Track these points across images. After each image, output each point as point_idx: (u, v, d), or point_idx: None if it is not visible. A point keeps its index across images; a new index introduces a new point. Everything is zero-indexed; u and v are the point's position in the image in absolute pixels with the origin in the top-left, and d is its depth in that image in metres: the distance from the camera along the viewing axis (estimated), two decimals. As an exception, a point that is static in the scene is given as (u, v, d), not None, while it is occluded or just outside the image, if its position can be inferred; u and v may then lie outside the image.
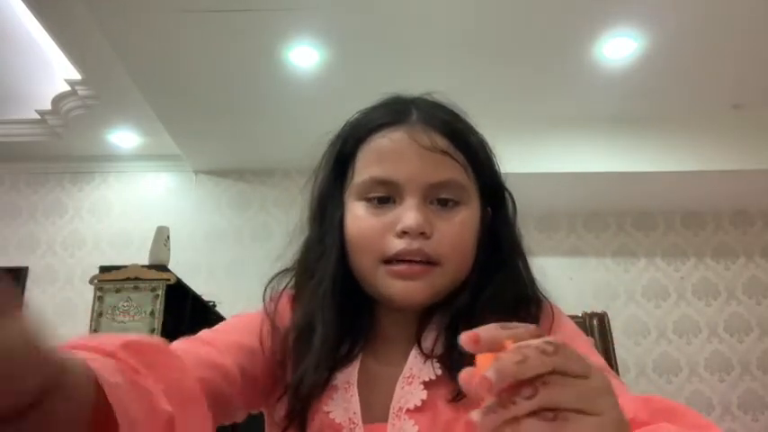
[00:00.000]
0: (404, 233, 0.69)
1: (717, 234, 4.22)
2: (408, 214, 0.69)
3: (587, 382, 0.38)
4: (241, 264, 4.06)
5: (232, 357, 0.68)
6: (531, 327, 0.39)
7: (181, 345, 0.66)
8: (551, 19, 2.93)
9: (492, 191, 0.78)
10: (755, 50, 3.11)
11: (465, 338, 0.38)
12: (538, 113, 3.62)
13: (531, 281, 0.77)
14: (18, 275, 4.20)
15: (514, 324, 0.39)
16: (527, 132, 3.67)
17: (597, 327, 1.10)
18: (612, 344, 1.10)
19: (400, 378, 0.70)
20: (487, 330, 0.38)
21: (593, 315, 1.12)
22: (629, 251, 4.22)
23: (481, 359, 0.38)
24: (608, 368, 0.68)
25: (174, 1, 2.81)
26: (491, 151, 0.80)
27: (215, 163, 4.25)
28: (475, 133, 0.79)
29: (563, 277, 4.06)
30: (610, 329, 1.11)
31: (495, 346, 0.38)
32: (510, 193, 0.80)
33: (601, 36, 3.03)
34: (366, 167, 0.73)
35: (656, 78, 3.32)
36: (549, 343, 0.37)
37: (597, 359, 0.69)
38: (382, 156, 0.72)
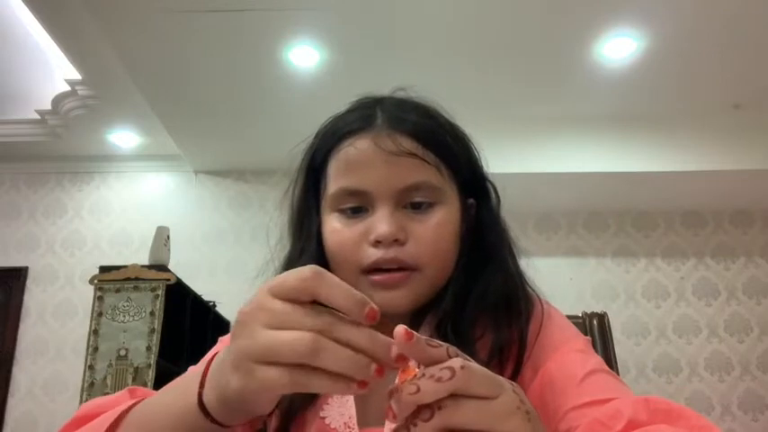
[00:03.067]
0: (378, 242, 0.69)
1: (717, 234, 4.22)
2: (380, 223, 0.69)
3: (491, 403, 0.41)
4: (241, 264, 4.06)
5: None
6: (451, 348, 0.42)
7: None
8: (551, 19, 2.93)
9: (473, 184, 0.77)
10: (755, 50, 3.11)
11: (402, 330, 0.41)
12: (538, 113, 3.62)
13: (520, 274, 0.76)
14: (18, 275, 4.20)
15: (438, 342, 0.42)
16: (527, 132, 3.67)
17: (597, 327, 1.10)
18: (612, 344, 1.09)
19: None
20: (418, 340, 0.41)
21: (592, 315, 1.11)
22: (628, 251, 4.22)
23: (401, 375, 0.43)
24: (606, 367, 0.68)
25: (173, 1, 2.81)
26: (470, 143, 0.78)
27: (215, 163, 4.25)
28: (449, 127, 0.77)
29: (563, 277, 4.06)
30: (610, 330, 1.11)
31: (413, 357, 0.42)
32: (493, 184, 0.79)
33: (601, 36, 3.03)
34: (336, 179, 0.73)
35: (655, 78, 3.32)
36: (448, 369, 0.40)
37: (594, 358, 0.69)
38: (349, 166, 0.72)
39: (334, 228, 0.72)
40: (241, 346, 0.45)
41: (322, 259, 0.73)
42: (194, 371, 0.65)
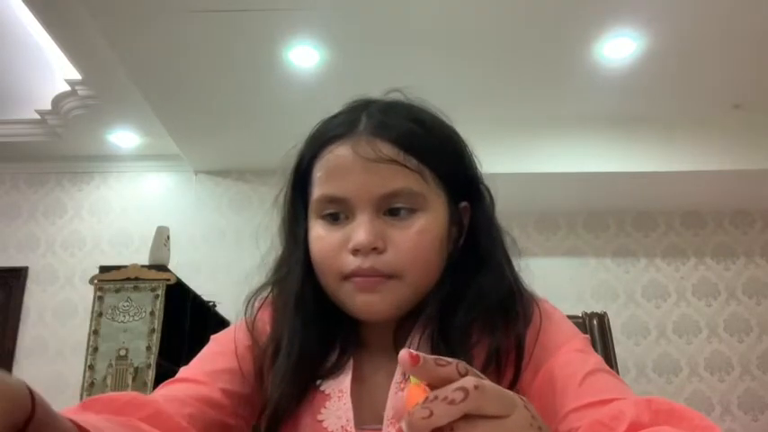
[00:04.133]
0: (356, 251, 0.68)
1: (717, 234, 4.22)
2: (358, 231, 0.68)
3: (504, 422, 0.40)
4: (241, 264, 4.05)
5: (213, 385, 0.69)
6: (461, 365, 0.41)
7: (161, 391, 0.68)
8: (551, 19, 2.93)
9: (466, 187, 0.75)
10: (755, 51, 3.11)
11: (407, 355, 0.40)
12: (538, 113, 3.62)
13: (516, 277, 0.75)
14: (18, 275, 4.20)
15: (446, 360, 0.41)
16: (527, 132, 3.67)
17: (597, 327, 1.10)
18: (612, 344, 1.09)
19: (392, 384, 0.69)
20: (425, 361, 0.40)
21: (592, 315, 1.11)
22: (628, 251, 4.22)
23: (412, 391, 0.41)
24: (606, 366, 0.67)
25: (173, 1, 2.81)
26: (463, 145, 0.77)
27: (215, 163, 4.25)
28: (437, 131, 0.75)
29: (563, 277, 4.06)
30: (610, 330, 1.10)
31: (422, 378, 0.41)
32: (487, 187, 0.78)
33: (601, 36, 3.03)
34: (318, 185, 0.72)
35: (655, 78, 3.32)
36: (460, 390, 0.39)
37: (594, 357, 0.68)
38: (330, 173, 0.71)
39: (318, 234, 0.72)
40: None
41: (308, 264, 0.73)
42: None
